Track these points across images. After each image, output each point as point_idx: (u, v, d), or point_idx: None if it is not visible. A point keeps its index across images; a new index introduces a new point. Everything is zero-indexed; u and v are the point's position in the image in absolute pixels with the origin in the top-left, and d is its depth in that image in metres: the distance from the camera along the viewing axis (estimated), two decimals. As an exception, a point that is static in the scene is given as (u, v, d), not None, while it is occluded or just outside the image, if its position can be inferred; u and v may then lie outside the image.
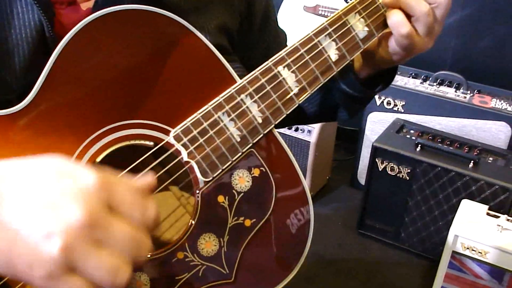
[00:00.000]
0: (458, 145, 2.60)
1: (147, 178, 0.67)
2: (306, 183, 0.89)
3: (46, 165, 0.61)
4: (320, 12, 3.00)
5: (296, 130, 2.90)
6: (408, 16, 0.93)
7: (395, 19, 0.92)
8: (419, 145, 2.58)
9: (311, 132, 2.88)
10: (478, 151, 2.57)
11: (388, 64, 1.02)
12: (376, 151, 2.64)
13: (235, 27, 1.02)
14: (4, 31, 0.80)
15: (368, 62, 1.03)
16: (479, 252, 2.20)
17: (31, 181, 0.59)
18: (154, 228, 0.63)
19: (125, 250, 0.59)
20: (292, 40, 0.91)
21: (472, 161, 2.48)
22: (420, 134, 2.70)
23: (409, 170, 2.58)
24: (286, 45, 1.15)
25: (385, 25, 0.94)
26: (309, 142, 2.89)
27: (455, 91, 2.81)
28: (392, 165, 2.62)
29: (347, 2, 0.93)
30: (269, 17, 1.11)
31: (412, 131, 2.73)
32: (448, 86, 2.85)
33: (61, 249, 0.55)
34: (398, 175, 2.62)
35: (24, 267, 0.57)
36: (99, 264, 0.57)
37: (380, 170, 2.66)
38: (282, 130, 2.89)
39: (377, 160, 2.65)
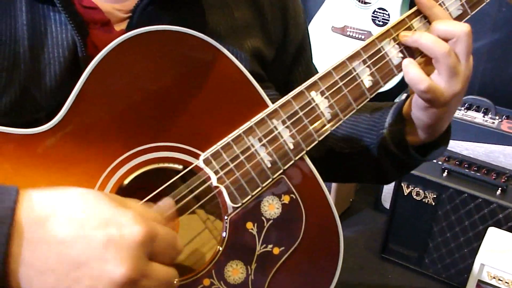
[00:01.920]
0: (485, 171, 2.56)
1: (169, 205, 0.74)
2: (336, 211, 0.87)
3: (92, 208, 0.62)
4: (348, 33, 2.99)
5: (321, 151, 2.87)
6: (429, 59, 0.88)
7: (412, 75, 0.86)
8: (446, 170, 2.55)
9: (336, 154, 2.85)
10: (506, 178, 2.53)
11: (430, 126, 0.95)
12: (401, 175, 2.60)
13: (270, 55, 1.00)
14: (37, 50, 0.80)
15: (416, 129, 0.97)
16: (506, 282, 2.15)
17: (76, 226, 0.60)
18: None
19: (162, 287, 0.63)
20: (321, 63, 0.89)
21: (499, 188, 2.44)
22: (447, 159, 2.66)
23: (435, 196, 2.54)
24: None
25: (419, 51, 0.92)
26: (334, 163, 2.86)
27: (483, 116, 2.77)
28: (417, 189, 2.58)
29: (376, 25, 0.91)
30: (304, 50, 1.10)
31: (438, 156, 2.69)
32: (476, 111, 2.81)
33: None
34: (423, 200, 2.58)
35: None
36: None
37: (405, 194, 2.62)
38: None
39: (402, 184, 2.62)
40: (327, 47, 3.00)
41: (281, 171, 0.83)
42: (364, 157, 1.06)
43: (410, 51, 0.91)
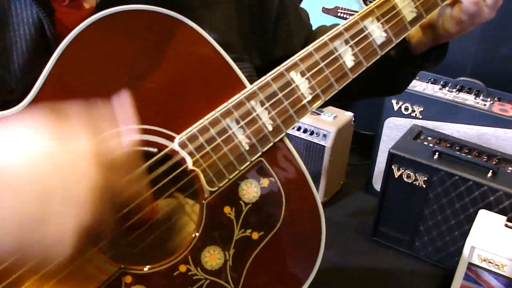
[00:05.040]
0: (476, 154, 2.54)
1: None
2: (317, 194, 0.85)
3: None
4: (339, 15, 2.96)
5: (312, 134, 2.85)
6: None
7: None
8: (437, 153, 2.53)
9: (326, 137, 2.83)
10: (497, 160, 2.51)
11: (448, 36, 1.00)
12: (392, 158, 2.59)
13: (244, 22, 0.98)
14: (3, 29, 0.77)
15: (427, 36, 1.01)
16: (496, 265, 2.14)
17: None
18: None
19: None
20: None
21: (490, 171, 2.42)
22: (438, 141, 2.64)
23: (425, 178, 2.53)
24: (310, 24, 1.11)
25: (403, 31, 0.90)
26: (324, 146, 2.84)
27: (475, 98, 2.75)
28: (408, 172, 2.56)
29: (367, 5, 0.89)
30: (286, 5, 1.07)
31: (429, 138, 2.67)
32: (468, 92, 2.79)
33: None
34: (414, 182, 2.57)
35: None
36: None
37: (396, 177, 2.61)
38: (297, 134, 2.85)
39: (393, 167, 2.60)
40: (317, 28, 2.97)
41: (259, 153, 0.81)
42: (371, 81, 1.08)
43: (394, 31, 0.88)
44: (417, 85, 2.81)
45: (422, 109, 2.78)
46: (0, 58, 0.77)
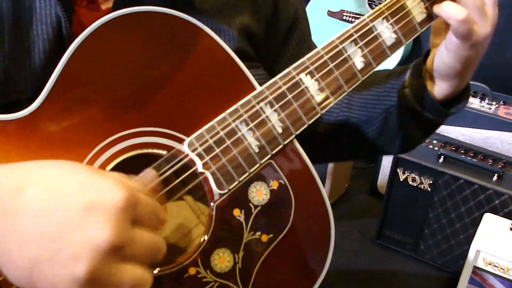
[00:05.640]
0: (482, 157, 2.54)
1: (151, 175, 0.71)
2: (327, 197, 0.85)
3: (69, 175, 0.59)
4: (344, 18, 2.95)
5: (316, 137, 2.85)
6: None
7: (450, 8, 0.85)
8: (442, 156, 2.53)
9: (331, 140, 2.83)
10: (502, 164, 2.51)
11: (458, 73, 0.92)
12: (397, 161, 2.58)
13: (260, 32, 0.97)
14: (21, 27, 0.77)
15: (440, 81, 0.95)
16: (502, 268, 2.14)
17: (54, 193, 0.57)
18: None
19: (147, 257, 0.61)
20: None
21: (496, 174, 2.42)
22: (443, 145, 2.64)
23: (431, 182, 2.52)
24: None
25: (413, 32, 0.90)
26: (329, 149, 2.84)
27: (480, 102, 2.75)
28: (413, 175, 2.56)
29: (372, 9, 0.88)
30: (296, 27, 1.06)
31: (434, 142, 2.67)
32: (473, 96, 2.78)
33: (87, 272, 0.55)
34: (419, 186, 2.56)
35: (47, 287, 0.56)
36: (124, 279, 0.58)
37: (401, 180, 2.60)
38: (301, 137, 2.84)
39: (398, 170, 2.60)
40: (323, 32, 2.96)
41: (269, 156, 0.81)
42: (385, 123, 1.03)
43: (404, 32, 0.88)
44: (422, 88, 2.81)
45: (427, 112, 2.77)
46: (19, 56, 0.77)
